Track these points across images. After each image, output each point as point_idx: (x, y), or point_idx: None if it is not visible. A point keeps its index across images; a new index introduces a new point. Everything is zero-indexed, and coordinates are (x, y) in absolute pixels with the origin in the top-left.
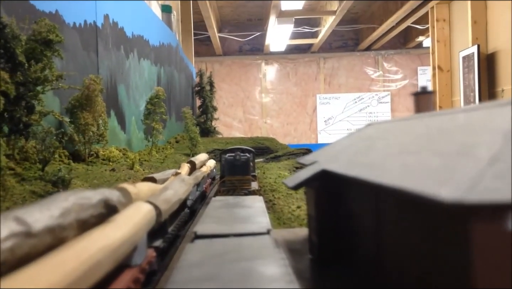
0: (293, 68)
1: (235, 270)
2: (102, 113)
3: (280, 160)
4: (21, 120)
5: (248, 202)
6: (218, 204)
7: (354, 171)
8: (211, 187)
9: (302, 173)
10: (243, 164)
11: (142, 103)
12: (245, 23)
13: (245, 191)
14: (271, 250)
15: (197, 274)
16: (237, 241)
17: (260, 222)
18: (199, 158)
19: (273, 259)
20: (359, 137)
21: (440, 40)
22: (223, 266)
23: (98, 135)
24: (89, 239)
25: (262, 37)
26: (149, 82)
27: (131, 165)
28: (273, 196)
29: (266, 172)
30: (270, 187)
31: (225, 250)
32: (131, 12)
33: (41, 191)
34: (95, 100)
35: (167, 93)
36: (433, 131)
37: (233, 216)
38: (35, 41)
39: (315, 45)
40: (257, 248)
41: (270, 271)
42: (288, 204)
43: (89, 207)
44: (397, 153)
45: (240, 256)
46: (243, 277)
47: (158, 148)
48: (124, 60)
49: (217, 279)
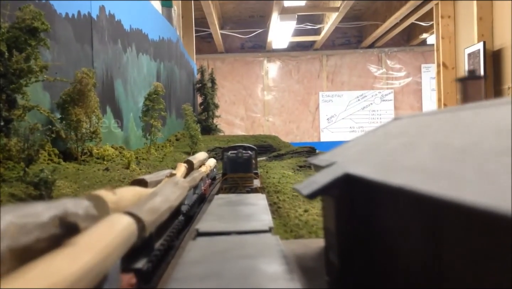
0: (296, 66)
1: (237, 267)
2: (95, 109)
3: (283, 158)
4: (1, 116)
5: (250, 200)
6: (220, 202)
7: (397, 177)
8: (211, 187)
9: (319, 177)
10: (245, 161)
11: (140, 100)
12: (247, 20)
13: (248, 188)
14: (273, 247)
15: (199, 271)
16: (239, 238)
17: (262, 219)
18: (197, 157)
19: (275, 257)
20: (388, 134)
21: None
22: (225, 264)
23: (91, 133)
24: (27, 277)
25: (264, 34)
26: (148, 78)
27: (127, 164)
28: (277, 198)
29: (269, 171)
30: (274, 187)
31: (227, 248)
32: (129, 5)
33: (21, 194)
34: (88, 95)
35: (167, 90)
36: (502, 127)
37: (235, 214)
38: (18, 29)
39: (318, 42)
40: (259, 246)
41: (272, 269)
42: (295, 207)
43: (35, 227)
44: (460, 155)
45: (242, 254)
46: (245, 274)
47: (158, 146)
48: (122, 55)
49: (219, 276)
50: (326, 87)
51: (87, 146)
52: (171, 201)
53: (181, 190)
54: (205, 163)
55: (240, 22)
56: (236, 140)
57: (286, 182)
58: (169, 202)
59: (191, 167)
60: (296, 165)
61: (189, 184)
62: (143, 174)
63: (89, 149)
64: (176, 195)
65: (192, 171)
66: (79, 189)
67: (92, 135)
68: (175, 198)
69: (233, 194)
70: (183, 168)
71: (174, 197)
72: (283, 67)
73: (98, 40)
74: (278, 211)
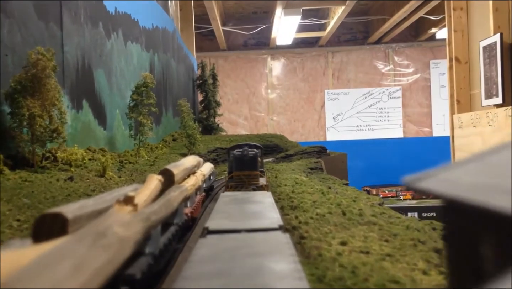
0: (300, 63)
1: (246, 265)
2: (56, 100)
3: (291, 159)
4: None
5: (257, 197)
6: (227, 199)
7: None
8: (207, 201)
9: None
10: (251, 159)
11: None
12: (250, 16)
13: (253, 186)
14: (282, 246)
15: (208, 269)
16: (249, 236)
17: (271, 217)
18: (184, 163)
19: (284, 255)
20: None
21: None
22: (234, 262)
23: (50, 131)
24: None
25: (267, 31)
26: (139, 69)
27: (102, 171)
28: (296, 218)
29: (279, 175)
30: (288, 200)
31: (236, 246)
32: None
33: None
34: (46, 83)
35: (162, 85)
36: None
37: (244, 212)
38: None
39: (323, 38)
40: (268, 244)
41: (281, 267)
42: (325, 236)
43: None
44: None
45: (251, 252)
46: (254, 273)
47: (151, 147)
48: (104, 41)
49: (228, 274)
50: (332, 84)
51: (50, 148)
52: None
53: (117, 248)
54: (197, 171)
55: (243, 18)
56: (239, 140)
57: (301, 191)
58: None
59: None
60: (307, 167)
61: (145, 223)
62: (122, 183)
63: (53, 152)
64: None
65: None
66: (9, 212)
67: (52, 135)
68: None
69: (239, 192)
70: (155, 182)
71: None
72: (287, 65)
73: (71, 20)
74: (302, 245)
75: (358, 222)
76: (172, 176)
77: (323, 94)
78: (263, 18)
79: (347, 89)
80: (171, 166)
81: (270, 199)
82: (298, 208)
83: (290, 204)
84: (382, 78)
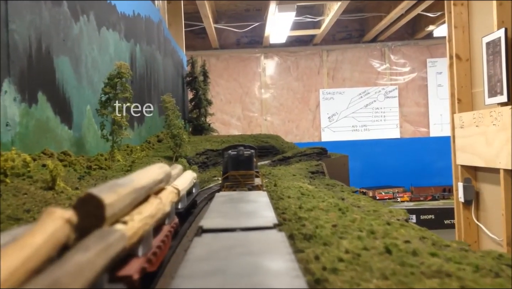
0: (294, 62)
1: (242, 264)
2: None
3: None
4: None
5: (252, 197)
6: (222, 199)
7: None
8: (182, 231)
9: None
10: (247, 159)
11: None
12: (243, 14)
13: (249, 186)
14: (278, 244)
15: (204, 268)
16: (244, 235)
17: (266, 216)
18: (133, 181)
19: (280, 254)
20: None
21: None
22: (230, 261)
23: None
24: None
25: (261, 29)
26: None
27: (50, 182)
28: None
29: (279, 183)
30: (297, 223)
31: (232, 244)
32: None
33: None
34: None
35: (146, 80)
36: None
37: (239, 211)
38: None
39: (318, 37)
40: (264, 242)
41: (277, 265)
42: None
43: None
44: None
45: (247, 250)
46: (250, 271)
47: (131, 149)
48: (70, 23)
49: (224, 273)
50: (327, 84)
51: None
52: None
53: None
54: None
55: (235, 16)
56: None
57: (312, 206)
58: None
59: (96, 217)
60: (308, 171)
61: None
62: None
63: None
64: None
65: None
66: None
67: None
68: None
69: (234, 192)
70: (50, 230)
71: None
72: (281, 64)
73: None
74: None
75: (417, 268)
76: (100, 209)
77: (318, 94)
78: (256, 16)
79: (342, 89)
80: (104, 187)
81: (265, 198)
82: (314, 237)
83: (301, 229)
84: (378, 77)
